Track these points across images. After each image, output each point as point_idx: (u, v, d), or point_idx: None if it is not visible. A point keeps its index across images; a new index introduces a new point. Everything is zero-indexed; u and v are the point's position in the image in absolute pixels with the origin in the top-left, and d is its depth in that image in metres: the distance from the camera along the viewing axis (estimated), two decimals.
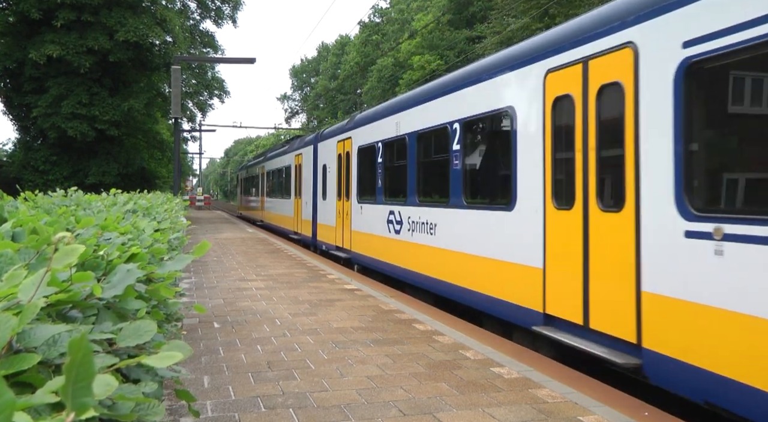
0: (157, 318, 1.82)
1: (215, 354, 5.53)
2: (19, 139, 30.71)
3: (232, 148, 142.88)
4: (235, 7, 35.03)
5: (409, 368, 5.18)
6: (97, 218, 2.79)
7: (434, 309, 8.07)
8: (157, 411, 1.07)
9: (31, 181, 25.94)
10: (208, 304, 8.02)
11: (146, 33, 25.84)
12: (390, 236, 10.55)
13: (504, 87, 7.13)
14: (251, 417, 4.00)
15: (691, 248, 4.36)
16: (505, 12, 28.65)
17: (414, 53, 39.89)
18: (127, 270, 1.47)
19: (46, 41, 24.94)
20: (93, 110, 25.97)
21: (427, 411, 4.16)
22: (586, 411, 4.19)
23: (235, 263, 12.59)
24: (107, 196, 6.54)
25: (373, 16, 61.01)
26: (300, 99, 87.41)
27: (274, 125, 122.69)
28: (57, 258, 1.19)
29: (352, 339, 6.20)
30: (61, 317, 1.32)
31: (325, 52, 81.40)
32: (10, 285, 1.14)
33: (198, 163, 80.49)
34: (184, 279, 10.14)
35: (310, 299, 8.41)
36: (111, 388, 0.90)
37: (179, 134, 23.26)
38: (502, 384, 4.78)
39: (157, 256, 2.23)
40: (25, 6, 24.59)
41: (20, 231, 1.94)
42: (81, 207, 4.43)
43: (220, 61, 31.32)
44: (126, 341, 1.17)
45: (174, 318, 2.67)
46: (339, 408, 4.17)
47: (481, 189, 7.91)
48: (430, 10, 44.73)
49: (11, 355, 0.97)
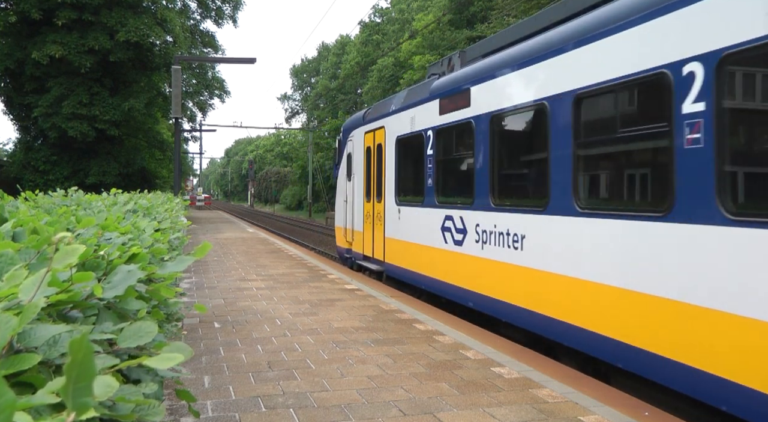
0: (157, 317, 1.82)
1: (216, 354, 5.53)
2: (19, 139, 30.73)
3: (233, 148, 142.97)
4: (236, 7, 35.05)
5: (409, 368, 5.18)
6: (97, 218, 2.79)
7: (434, 309, 8.07)
8: (157, 412, 1.07)
9: (32, 181, 25.96)
10: (208, 304, 8.02)
11: (147, 33, 25.87)
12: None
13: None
14: (251, 417, 4.00)
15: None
16: (506, 12, 28.66)
17: (414, 53, 39.90)
18: (128, 271, 1.47)
19: (47, 41, 24.97)
20: (93, 109, 26.00)
21: (428, 410, 4.16)
22: (587, 411, 4.19)
23: (235, 263, 12.59)
24: (108, 196, 6.54)
25: (374, 16, 61.06)
26: (300, 99, 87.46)
27: (275, 124, 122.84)
28: (57, 258, 1.19)
29: (353, 338, 6.20)
30: (62, 317, 1.32)
31: (325, 52, 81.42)
32: (11, 285, 1.14)
33: (198, 163, 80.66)
34: (185, 279, 10.14)
35: (310, 299, 8.41)
36: (112, 389, 0.90)
37: (179, 133, 23.26)
38: (503, 383, 4.78)
39: (158, 256, 2.24)
40: (26, 6, 24.61)
41: (21, 231, 1.94)
42: (81, 207, 4.43)
43: (221, 61, 31.35)
44: (127, 342, 1.17)
45: (174, 317, 2.67)
46: (339, 408, 4.17)
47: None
48: (431, 9, 44.74)
49: (12, 355, 0.97)
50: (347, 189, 13.60)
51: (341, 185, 14.28)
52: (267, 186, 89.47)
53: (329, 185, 56.29)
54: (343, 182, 14.12)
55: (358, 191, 12.71)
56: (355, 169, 12.93)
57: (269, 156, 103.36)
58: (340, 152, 14.62)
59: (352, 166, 13.18)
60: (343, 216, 13.93)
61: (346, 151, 13.86)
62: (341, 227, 14.13)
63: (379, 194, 11.22)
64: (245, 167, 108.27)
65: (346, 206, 13.62)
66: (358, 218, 12.50)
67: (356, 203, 12.79)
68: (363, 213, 12.11)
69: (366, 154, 12.20)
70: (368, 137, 12.09)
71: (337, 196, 14.73)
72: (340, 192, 14.46)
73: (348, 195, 13.50)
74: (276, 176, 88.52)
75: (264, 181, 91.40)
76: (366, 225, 11.96)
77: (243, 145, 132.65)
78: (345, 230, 13.72)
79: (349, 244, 13.27)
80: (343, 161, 14.02)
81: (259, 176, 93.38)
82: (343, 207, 14.00)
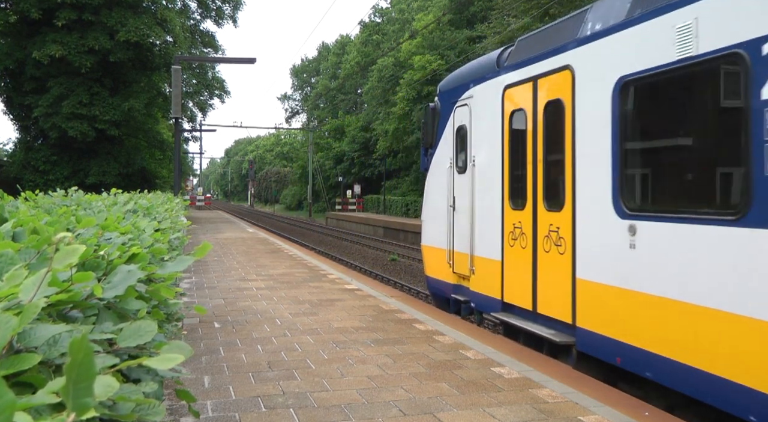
0: (157, 317, 1.82)
1: (216, 354, 5.53)
2: (19, 139, 30.76)
3: (233, 148, 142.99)
4: (236, 6, 35.05)
5: (409, 368, 5.18)
6: (97, 218, 2.79)
7: (434, 309, 8.07)
8: (157, 412, 1.07)
9: (32, 181, 25.95)
10: (208, 304, 8.02)
11: (147, 33, 25.89)
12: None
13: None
14: (251, 417, 4.00)
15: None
16: (506, 12, 28.66)
17: (414, 53, 39.89)
18: (128, 271, 1.47)
19: (47, 41, 24.99)
20: (93, 109, 26.02)
21: (428, 410, 4.16)
22: (587, 411, 4.19)
23: (235, 263, 12.59)
24: (108, 196, 6.54)
25: (374, 16, 61.07)
26: (300, 99, 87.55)
27: (275, 124, 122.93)
28: (57, 258, 1.19)
29: (353, 338, 6.20)
30: (62, 317, 1.32)
31: (325, 52, 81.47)
32: (11, 285, 1.14)
33: (198, 163, 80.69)
34: (185, 279, 10.14)
35: (310, 299, 8.41)
36: (112, 389, 0.90)
37: (180, 133, 23.27)
38: (503, 383, 4.78)
39: (158, 256, 2.24)
40: (26, 6, 24.62)
41: (21, 231, 1.94)
42: (81, 207, 4.43)
43: (221, 61, 31.42)
44: (126, 341, 1.17)
45: (174, 317, 2.68)
46: (339, 408, 4.17)
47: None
48: (431, 9, 44.74)
49: (12, 355, 0.97)
50: (455, 187, 8.46)
51: (439, 181, 9.08)
52: (267, 186, 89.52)
53: (329, 184, 56.33)
54: (443, 176, 8.85)
55: (486, 190, 7.70)
56: (479, 151, 7.93)
57: (269, 156, 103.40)
58: (434, 128, 9.34)
59: (470, 147, 8.13)
60: (446, 231, 8.68)
61: (450, 124, 8.70)
62: (440, 249, 8.92)
63: (553, 197, 6.46)
64: (245, 167, 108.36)
65: (455, 216, 8.45)
66: (490, 236, 7.56)
67: (482, 211, 7.78)
68: (502, 229, 7.29)
69: (509, 124, 7.29)
70: (516, 95, 7.19)
71: (430, 196, 9.55)
72: (434, 191, 9.30)
73: (459, 197, 8.35)
74: (276, 176, 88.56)
75: (264, 181, 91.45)
76: (512, 251, 7.11)
77: (243, 145, 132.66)
78: (451, 254, 8.55)
79: (462, 278, 8.31)
80: (445, 142, 8.89)
81: (259, 176, 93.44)
82: (445, 216, 8.75)
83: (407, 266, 20.11)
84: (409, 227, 31.02)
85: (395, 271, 18.99)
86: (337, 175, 52.67)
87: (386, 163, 44.87)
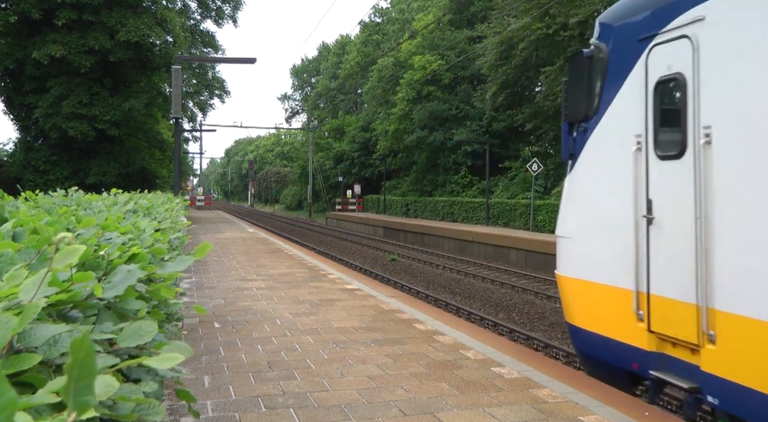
0: (157, 317, 1.82)
1: (216, 354, 5.53)
2: (19, 139, 30.76)
3: (233, 148, 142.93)
4: (236, 6, 35.04)
5: (409, 368, 5.18)
6: (97, 218, 2.79)
7: (434, 309, 8.07)
8: (157, 411, 1.07)
9: (32, 181, 25.96)
10: (208, 304, 8.02)
11: (147, 33, 25.89)
12: None
13: None
14: (251, 417, 4.00)
15: None
16: (506, 12, 28.66)
17: (415, 53, 39.89)
18: (128, 271, 1.47)
19: (47, 41, 25.01)
20: (93, 109, 26.03)
21: (428, 410, 4.16)
22: (587, 411, 4.19)
23: (235, 263, 12.59)
24: (108, 196, 6.54)
25: (374, 16, 61.06)
26: (300, 99, 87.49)
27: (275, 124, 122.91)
28: (58, 258, 1.19)
29: (353, 338, 6.20)
30: (62, 317, 1.32)
31: (325, 51, 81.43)
32: (11, 285, 1.14)
33: (198, 163, 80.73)
34: (185, 279, 10.14)
35: (310, 299, 8.41)
36: (112, 389, 0.90)
37: (180, 133, 23.27)
38: (503, 383, 4.78)
39: (158, 256, 2.24)
40: (26, 6, 24.63)
41: (21, 231, 1.94)
42: (81, 207, 4.43)
43: (221, 61, 31.41)
44: (127, 341, 1.17)
45: (174, 317, 2.68)
46: (339, 408, 4.17)
47: None
48: (431, 9, 44.73)
49: (12, 355, 0.97)
50: (652, 183, 4.96)
51: (606, 173, 5.58)
52: (267, 186, 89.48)
53: (329, 184, 56.27)
54: (620, 165, 5.31)
55: (743, 189, 4.10)
56: (722, 119, 4.30)
57: (269, 156, 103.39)
58: (592, 89, 5.75)
59: (696, 114, 4.49)
60: (630, 257, 5.08)
61: (637, 77, 5.16)
62: (611, 287, 5.35)
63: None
64: (245, 167, 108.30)
65: (651, 232, 4.92)
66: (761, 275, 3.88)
67: (734, 227, 4.14)
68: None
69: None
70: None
71: (583, 199, 5.91)
72: (595, 190, 5.75)
73: (663, 201, 4.85)
74: (276, 176, 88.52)
75: (264, 181, 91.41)
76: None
77: (243, 145, 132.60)
78: (644, 298, 4.95)
79: (672, 345, 4.74)
80: (622, 108, 5.36)
81: (259, 176, 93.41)
82: (625, 232, 5.18)
83: (407, 266, 20.11)
84: (409, 227, 31.02)
85: (395, 271, 18.99)
86: (337, 175, 52.64)
87: (386, 163, 44.86)
